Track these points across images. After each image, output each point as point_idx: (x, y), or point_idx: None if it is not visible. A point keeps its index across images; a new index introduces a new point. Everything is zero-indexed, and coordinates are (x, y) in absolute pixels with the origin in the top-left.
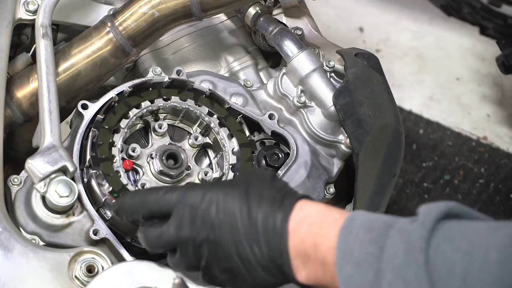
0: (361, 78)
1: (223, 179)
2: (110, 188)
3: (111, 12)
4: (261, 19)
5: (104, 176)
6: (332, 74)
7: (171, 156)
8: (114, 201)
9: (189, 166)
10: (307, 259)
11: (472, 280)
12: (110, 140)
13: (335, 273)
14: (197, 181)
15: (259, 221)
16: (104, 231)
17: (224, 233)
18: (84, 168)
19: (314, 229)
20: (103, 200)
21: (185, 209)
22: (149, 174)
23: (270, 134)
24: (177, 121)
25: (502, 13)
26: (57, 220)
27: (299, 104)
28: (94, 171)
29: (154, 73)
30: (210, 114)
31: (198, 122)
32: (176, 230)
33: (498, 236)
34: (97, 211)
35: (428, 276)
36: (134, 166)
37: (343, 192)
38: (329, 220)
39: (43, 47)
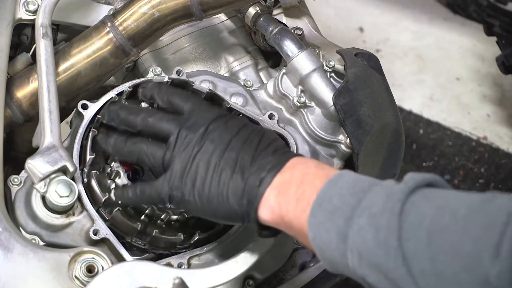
0: (361, 78)
1: None
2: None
3: (111, 12)
4: (261, 19)
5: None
6: (332, 74)
7: None
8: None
9: None
10: (284, 191)
11: (437, 230)
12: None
13: (303, 212)
14: None
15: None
16: (104, 231)
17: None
18: (84, 168)
19: (308, 170)
20: (103, 200)
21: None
22: (149, 174)
23: None
24: None
25: (509, 10)
26: (57, 220)
27: (299, 104)
28: (95, 171)
29: (154, 73)
30: None
31: None
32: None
33: (472, 197)
34: (97, 211)
35: (398, 224)
36: (134, 166)
37: None
38: (325, 168)
39: (43, 47)
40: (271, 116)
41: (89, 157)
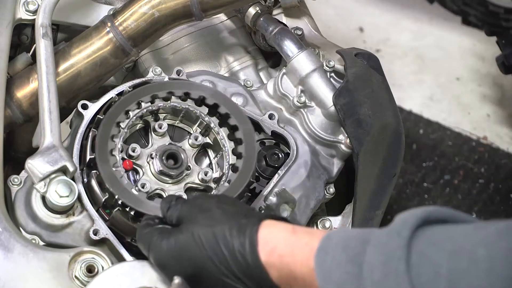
0: (361, 78)
1: (223, 179)
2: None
3: (111, 12)
4: (261, 19)
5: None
6: (332, 74)
7: (171, 156)
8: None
9: (189, 166)
10: (291, 285)
11: (460, 278)
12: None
13: None
14: (197, 181)
15: (231, 264)
16: (104, 231)
17: (205, 280)
18: (84, 168)
19: (286, 260)
20: (103, 200)
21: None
22: (149, 174)
23: (270, 134)
24: (177, 121)
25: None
26: (57, 220)
27: (299, 104)
28: (95, 171)
29: (154, 73)
30: (210, 114)
31: (198, 122)
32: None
33: (484, 233)
34: (97, 211)
35: (410, 284)
36: (134, 166)
37: (343, 192)
38: (299, 246)
39: (43, 47)
40: (271, 116)
41: (89, 157)
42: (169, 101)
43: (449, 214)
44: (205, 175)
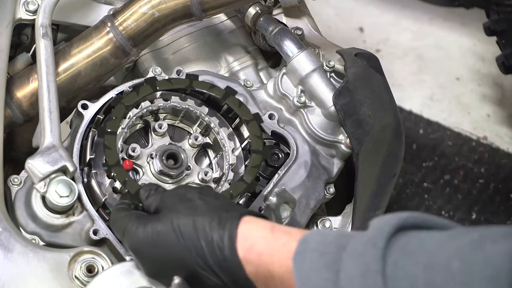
0: (361, 78)
1: (223, 179)
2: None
3: (111, 12)
4: (261, 19)
5: (104, 148)
6: (332, 74)
7: (171, 156)
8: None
9: (189, 166)
10: (267, 284)
11: None
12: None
13: None
14: (197, 181)
15: (207, 255)
16: (104, 231)
17: (179, 268)
18: (84, 168)
19: (265, 258)
20: (103, 200)
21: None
22: (149, 174)
23: (270, 134)
24: (177, 121)
25: None
26: (57, 220)
27: (299, 104)
28: (95, 171)
29: (154, 73)
30: (210, 114)
31: (198, 122)
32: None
33: (457, 244)
34: (97, 211)
35: None
36: (134, 166)
37: (343, 192)
38: (278, 246)
39: (43, 47)
40: (271, 116)
41: (89, 157)
42: (169, 101)
43: (423, 220)
44: (205, 175)
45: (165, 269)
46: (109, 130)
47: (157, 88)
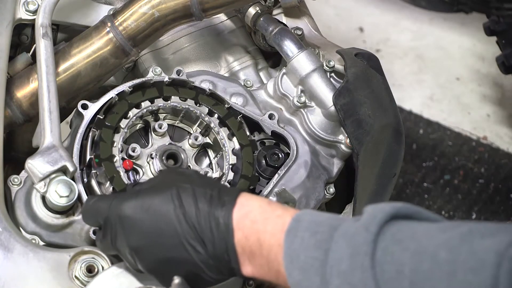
0: (361, 78)
1: (223, 179)
2: (111, 187)
3: (111, 12)
4: (261, 19)
5: (105, 176)
6: (332, 74)
7: (171, 156)
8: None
9: (189, 166)
10: (252, 255)
11: (421, 279)
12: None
13: (280, 271)
14: None
15: (201, 221)
16: None
17: (164, 239)
18: (84, 168)
19: (258, 226)
20: None
21: (116, 223)
22: (149, 174)
23: (270, 134)
24: (177, 121)
25: None
26: (57, 220)
27: (299, 104)
28: (95, 171)
29: (154, 73)
30: (210, 114)
31: (198, 122)
32: (112, 243)
33: (447, 236)
34: None
35: (374, 280)
36: (134, 166)
37: (343, 192)
38: (272, 217)
39: (43, 47)
40: (271, 116)
41: (89, 157)
42: (169, 101)
43: (416, 211)
44: (205, 175)
45: (156, 241)
46: (107, 123)
47: (164, 94)
